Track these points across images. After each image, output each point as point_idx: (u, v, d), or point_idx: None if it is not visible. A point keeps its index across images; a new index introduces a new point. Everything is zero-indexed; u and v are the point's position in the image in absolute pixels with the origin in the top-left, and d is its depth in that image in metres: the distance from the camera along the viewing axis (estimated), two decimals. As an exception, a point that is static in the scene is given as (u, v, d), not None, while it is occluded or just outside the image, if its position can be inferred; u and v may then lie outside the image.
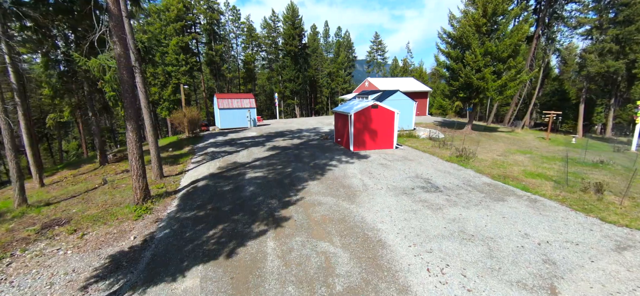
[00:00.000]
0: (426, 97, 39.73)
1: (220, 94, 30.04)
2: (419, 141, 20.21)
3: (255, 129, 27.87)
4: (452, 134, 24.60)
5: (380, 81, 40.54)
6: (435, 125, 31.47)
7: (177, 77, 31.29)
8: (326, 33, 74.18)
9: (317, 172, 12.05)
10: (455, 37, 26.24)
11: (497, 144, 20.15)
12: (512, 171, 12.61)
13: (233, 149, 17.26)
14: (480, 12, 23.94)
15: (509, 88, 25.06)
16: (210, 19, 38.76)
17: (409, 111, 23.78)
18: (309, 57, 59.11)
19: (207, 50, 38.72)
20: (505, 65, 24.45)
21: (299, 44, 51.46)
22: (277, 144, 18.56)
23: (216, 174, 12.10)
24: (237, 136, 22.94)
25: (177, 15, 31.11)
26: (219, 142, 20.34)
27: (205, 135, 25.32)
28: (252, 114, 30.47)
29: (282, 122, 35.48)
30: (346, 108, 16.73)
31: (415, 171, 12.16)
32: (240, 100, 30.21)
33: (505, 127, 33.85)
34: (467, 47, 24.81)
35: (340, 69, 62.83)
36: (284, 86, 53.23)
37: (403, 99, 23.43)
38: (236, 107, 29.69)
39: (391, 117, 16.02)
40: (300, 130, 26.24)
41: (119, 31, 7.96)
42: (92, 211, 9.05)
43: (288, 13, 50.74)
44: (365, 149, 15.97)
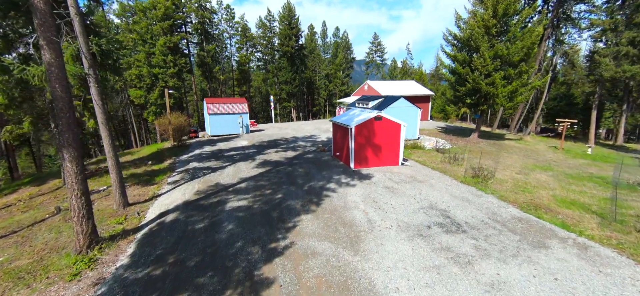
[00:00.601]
0: (428, 102, 38.00)
1: (210, 99, 28.04)
2: (425, 153, 18.37)
3: (247, 137, 25.90)
4: (459, 144, 22.83)
5: (380, 84, 38.74)
6: (439, 131, 29.70)
7: (164, 79, 29.22)
8: (324, 33, 72.34)
9: (312, 199, 10.15)
10: (462, 40, 24.48)
11: (511, 157, 18.37)
12: (540, 196, 10.79)
13: (218, 165, 15.30)
14: (490, 12, 22.18)
15: (520, 94, 23.35)
16: (201, 18, 36.70)
17: (414, 119, 21.96)
18: (306, 58, 57.20)
19: (198, 51, 36.65)
20: (517, 69, 22.70)
21: (295, 44, 49.54)
22: (269, 158, 16.62)
23: (191, 203, 10.14)
24: (225, 146, 20.97)
25: (164, 14, 29.05)
26: (204, 154, 18.36)
27: (193, 143, 23.32)
28: (244, 119, 28.50)
29: (276, 128, 33.52)
30: (346, 119, 14.84)
31: (428, 197, 10.29)
32: (232, 105, 28.23)
33: (512, 134, 32.19)
34: (476, 50, 23.05)
35: (338, 70, 60.99)
36: (280, 88, 51.26)
37: (407, 107, 21.60)
38: (227, 113, 27.70)
39: (397, 131, 14.15)
40: (296, 138, 24.32)
41: (48, 32, 5.99)
42: (22, 261, 7.06)
43: (284, 12, 48.79)
44: (367, 166, 14.10)
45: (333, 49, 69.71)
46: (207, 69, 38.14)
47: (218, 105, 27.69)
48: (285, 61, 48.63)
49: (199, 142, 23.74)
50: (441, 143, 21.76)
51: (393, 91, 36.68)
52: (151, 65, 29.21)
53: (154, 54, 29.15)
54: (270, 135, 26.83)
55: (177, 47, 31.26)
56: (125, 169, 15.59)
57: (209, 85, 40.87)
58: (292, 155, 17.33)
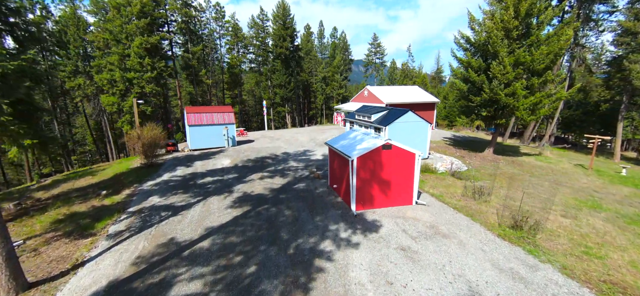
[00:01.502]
0: (433, 109, 35.09)
1: (191, 108, 24.81)
2: (440, 179, 15.34)
3: (232, 152, 22.71)
4: (474, 163, 19.86)
5: (381, 89, 35.73)
6: (448, 144, 26.75)
7: (140, 85, 25.93)
8: (321, 33, 69.28)
9: (298, 278, 7.05)
10: (476, 44, 21.52)
11: (542, 185, 15.39)
12: (615, 265, 7.79)
13: (184, 201, 12.13)
14: (511, 12, 19.21)
15: (543, 106, 20.44)
16: (185, 17, 33.40)
17: (423, 135, 18.93)
18: (301, 60, 54.07)
19: (183, 52, 33.34)
20: (541, 78, 19.78)
21: (290, 45, 46.40)
22: (250, 190, 13.49)
23: (120, 286, 6.99)
24: (203, 167, 17.78)
25: (140, 11, 25.76)
26: (173, 181, 15.17)
27: (167, 161, 20.11)
28: (229, 131, 25.30)
29: (268, 139, 30.36)
30: (345, 146, 11.74)
31: (462, 272, 7.25)
32: (215, 114, 25.01)
33: (527, 146, 29.37)
34: (494, 56, 20.08)
35: (336, 73, 57.92)
36: (273, 91, 48.06)
37: (415, 121, 18.58)
38: (210, 124, 24.48)
39: (410, 162, 11.09)
40: (287, 155, 21.18)
41: None
42: None
43: (278, 11, 45.61)
44: (372, 207, 11.01)
45: (330, 51, 66.66)
46: (193, 72, 34.79)
47: (199, 115, 24.46)
48: (279, 63, 45.45)
49: (175, 160, 20.51)
50: (455, 164, 18.75)
51: (395, 97, 33.70)
52: (125, 69, 25.86)
53: (128, 56, 25.86)
54: (258, 150, 23.66)
55: (156, 49, 27.98)
56: (68, 204, 12.41)
57: (195, 90, 37.46)
58: (280, 184, 14.21)
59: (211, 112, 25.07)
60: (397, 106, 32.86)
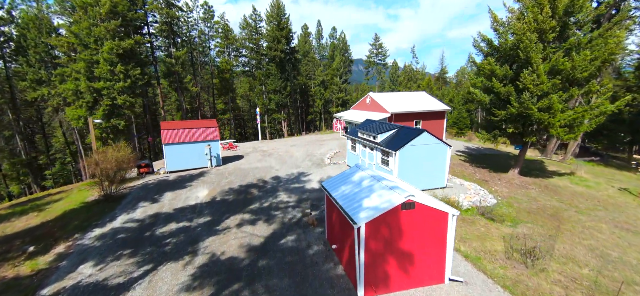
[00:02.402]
0: (443, 118, 31.74)
1: (168, 124, 21.47)
2: (469, 224, 12.00)
3: (213, 176, 19.37)
4: (500, 190, 16.54)
5: (385, 97, 32.37)
6: (463, 160, 23.43)
7: (110, 96, 22.57)
8: (319, 34, 65.89)
9: None
10: (502, 49, 18.16)
11: (597, 227, 12.05)
12: None
13: (122, 276, 8.80)
14: (548, 10, 15.86)
15: (583, 122, 17.11)
16: (167, 17, 30.01)
17: (440, 162, 15.61)
18: (298, 63, 50.70)
19: (164, 57, 29.90)
20: (584, 89, 16.46)
21: (286, 47, 43.04)
22: (221, 251, 10.18)
23: None
24: (171, 204, 14.45)
25: (111, 11, 22.39)
26: (125, 230, 11.85)
27: (133, 190, 16.80)
28: (213, 149, 21.96)
29: (259, 154, 27.02)
30: (348, 198, 8.40)
31: None
32: (196, 130, 21.67)
33: (551, 160, 26.05)
34: (526, 63, 16.73)
35: (335, 75, 54.55)
36: (268, 97, 44.68)
37: (431, 144, 15.24)
38: (190, 141, 21.15)
39: (441, 225, 7.77)
40: (277, 181, 17.84)
41: None
42: None
43: (272, 11, 42.20)
44: (388, 290, 7.70)
45: (330, 52, 63.28)
46: (177, 79, 31.37)
47: (177, 132, 21.12)
48: (273, 66, 42.08)
49: (143, 189, 17.17)
50: (481, 195, 15.43)
51: (400, 105, 30.37)
52: (92, 78, 22.46)
53: (97, 63, 22.51)
54: (245, 172, 20.32)
55: (131, 54, 24.63)
56: None
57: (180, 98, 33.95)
58: (263, 236, 10.88)
59: (191, 128, 21.72)
60: (403, 116, 29.54)
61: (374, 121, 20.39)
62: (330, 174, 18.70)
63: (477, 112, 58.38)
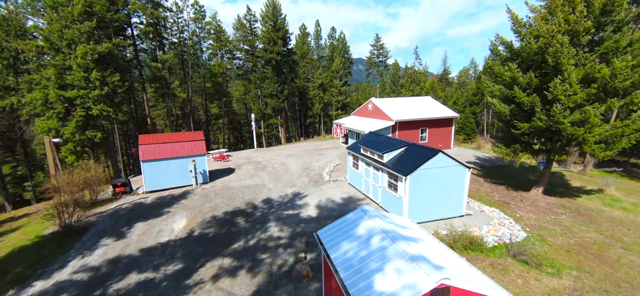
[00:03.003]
0: (451, 125, 29.45)
1: (147, 137, 19.15)
2: (499, 271, 9.72)
3: (196, 199, 17.07)
4: (525, 215, 14.28)
5: (388, 103, 30.07)
6: (476, 174, 21.15)
7: (84, 106, 20.22)
8: (317, 34, 63.58)
9: None
10: (524, 53, 15.84)
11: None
12: None
13: None
14: (582, 9, 13.58)
15: (621, 138, 14.84)
16: (152, 19, 27.64)
17: (458, 187, 13.34)
18: (296, 65, 48.38)
19: (149, 61, 27.48)
20: (625, 100, 14.19)
21: (282, 49, 40.71)
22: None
23: None
24: (139, 240, 12.16)
25: (84, 11, 20.07)
26: (74, 283, 9.56)
27: (100, 219, 14.50)
28: (199, 165, 19.67)
29: (252, 167, 24.74)
30: (351, 269, 6.12)
31: None
32: (179, 145, 19.36)
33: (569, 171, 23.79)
34: (555, 70, 14.46)
35: (335, 77, 52.24)
36: (264, 102, 42.35)
37: (447, 167, 12.97)
38: (171, 157, 18.85)
39: (489, 315, 5.44)
40: (269, 206, 15.56)
41: None
42: None
43: (268, 11, 39.87)
44: None
45: (329, 53, 60.96)
46: (164, 85, 28.97)
47: (158, 147, 18.80)
48: (270, 69, 39.75)
49: (111, 217, 14.86)
50: (506, 225, 13.16)
51: (405, 112, 28.08)
52: (64, 85, 20.10)
53: (70, 68, 20.18)
54: (234, 192, 18.03)
55: (111, 58, 22.29)
56: None
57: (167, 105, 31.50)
58: (244, 295, 8.59)
59: (173, 142, 19.40)
60: (408, 124, 27.26)
61: (379, 134, 18.06)
62: (330, 197, 16.44)
63: (483, 115, 56.13)
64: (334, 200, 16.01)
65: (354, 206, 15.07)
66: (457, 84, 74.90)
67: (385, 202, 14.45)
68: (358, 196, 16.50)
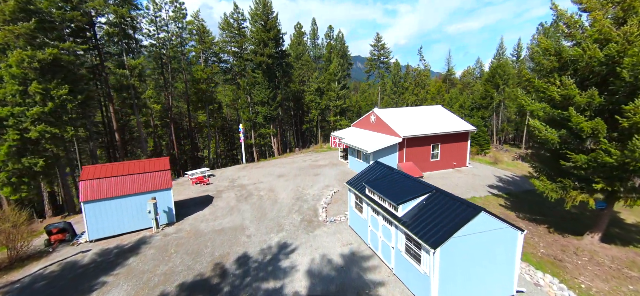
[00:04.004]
0: (466, 140, 25.54)
1: (91, 169, 15.10)
2: None
3: (152, 252, 13.08)
4: (596, 285, 10.41)
5: (393, 115, 26.10)
6: (503, 205, 17.28)
7: (18, 126, 16.15)
8: (314, 33, 59.42)
9: None
10: (582, 62, 11.92)
11: None
12: None
13: None
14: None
15: None
16: (118, 18, 23.35)
17: (507, 257, 9.43)
18: (290, 68, 44.30)
19: (113, 68, 23.20)
20: None
21: (274, 51, 36.63)
22: None
23: None
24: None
25: (18, 8, 15.96)
26: None
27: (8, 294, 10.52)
28: (161, 202, 15.69)
29: (234, 195, 20.80)
30: None
31: None
32: (131, 179, 15.33)
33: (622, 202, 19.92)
34: (633, 87, 10.57)
35: (333, 80, 48.17)
36: (254, 110, 38.29)
37: (492, 230, 9.06)
38: (122, 195, 14.84)
39: None
40: (245, 265, 11.62)
41: None
42: None
43: (257, 8, 35.72)
44: None
45: (326, 53, 56.85)
46: (133, 95, 24.75)
47: (105, 182, 14.77)
48: (260, 74, 35.67)
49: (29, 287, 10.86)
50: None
51: (413, 126, 24.15)
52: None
53: (1, 80, 16.10)
54: (204, 240, 14.04)
55: (58, 67, 18.21)
56: None
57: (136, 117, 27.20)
58: None
59: (127, 175, 15.36)
60: (418, 140, 23.32)
61: (389, 168, 14.01)
62: (326, 253, 12.53)
63: (492, 119, 52.25)
64: (331, 260, 12.08)
65: (358, 272, 11.15)
66: (461, 85, 71.06)
67: (401, 271, 10.54)
68: (363, 252, 12.59)
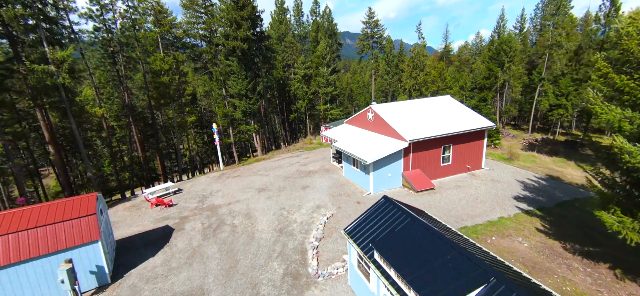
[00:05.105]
0: (482, 138, 21.39)
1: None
2: None
3: None
4: None
5: (394, 111, 21.56)
6: (542, 231, 13.46)
7: None
8: (298, 10, 53.10)
9: None
10: None
11: None
12: None
13: None
14: None
15: None
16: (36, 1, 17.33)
17: None
18: (272, 52, 38.64)
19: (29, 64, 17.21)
20: None
21: (250, 33, 30.98)
22: None
23: None
24: None
25: None
26: None
27: None
28: (84, 261, 11.12)
29: (200, 223, 16.40)
30: None
31: None
32: (30, 236, 10.60)
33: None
34: None
35: (321, 64, 42.88)
36: (231, 104, 33.05)
37: None
38: (16, 262, 10.16)
39: None
40: None
41: None
42: None
43: (227, -19, 29.60)
44: None
45: (312, 32, 51.00)
46: (64, 97, 18.98)
47: (-12, 250, 9.99)
48: (235, 62, 30.18)
49: None
50: None
51: (420, 124, 19.79)
52: None
53: None
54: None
55: None
56: None
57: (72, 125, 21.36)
58: None
59: (26, 230, 10.59)
60: (426, 143, 19.06)
61: (409, 221, 9.57)
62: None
63: (496, 101, 48.33)
64: None
65: None
66: (459, 62, 66.55)
67: None
68: (373, 347, 8.46)
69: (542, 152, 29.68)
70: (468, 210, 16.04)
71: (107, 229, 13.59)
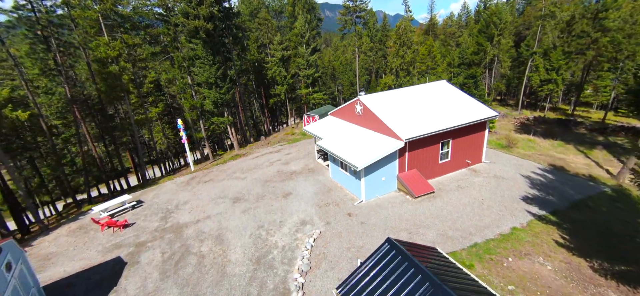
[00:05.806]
0: (484, 130, 19.08)
1: None
2: None
3: None
4: None
5: (384, 103, 18.65)
6: (563, 244, 11.58)
7: None
8: (273, -19, 47.53)
9: None
10: None
11: None
12: None
13: None
14: None
15: None
16: None
17: None
18: (243, 32, 34.05)
19: None
20: None
21: (216, 10, 26.41)
22: None
23: None
24: None
25: None
26: None
27: None
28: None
29: (158, 255, 13.44)
30: None
31: None
32: None
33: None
34: None
35: (300, 43, 38.76)
36: (198, 93, 28.90)
37: None
38: None
39: None
40: None
41: None
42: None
43: (183, -54, 24.50)
44: None
45: (289, 6, 46.11)
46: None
47: None
48: (199, 44, 25.79)
49: None
50: None
51: (416, 119, 17.13)
52: None
53: None
54: None
55: None
56: None
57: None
58: None
59: None
60: (423, 141, 16.52)
61: (415, 269, 6.96)
62: None
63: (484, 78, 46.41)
64: None
65: None
66: (444, 35, 63.72)
67: None
68: None
69: (537, 134, 28.16)
70: (475, 220, 13.90)
71: (24, 283, 10.31)
